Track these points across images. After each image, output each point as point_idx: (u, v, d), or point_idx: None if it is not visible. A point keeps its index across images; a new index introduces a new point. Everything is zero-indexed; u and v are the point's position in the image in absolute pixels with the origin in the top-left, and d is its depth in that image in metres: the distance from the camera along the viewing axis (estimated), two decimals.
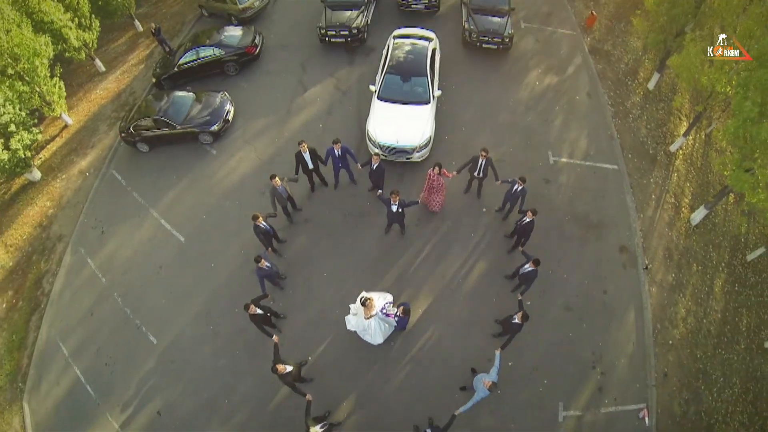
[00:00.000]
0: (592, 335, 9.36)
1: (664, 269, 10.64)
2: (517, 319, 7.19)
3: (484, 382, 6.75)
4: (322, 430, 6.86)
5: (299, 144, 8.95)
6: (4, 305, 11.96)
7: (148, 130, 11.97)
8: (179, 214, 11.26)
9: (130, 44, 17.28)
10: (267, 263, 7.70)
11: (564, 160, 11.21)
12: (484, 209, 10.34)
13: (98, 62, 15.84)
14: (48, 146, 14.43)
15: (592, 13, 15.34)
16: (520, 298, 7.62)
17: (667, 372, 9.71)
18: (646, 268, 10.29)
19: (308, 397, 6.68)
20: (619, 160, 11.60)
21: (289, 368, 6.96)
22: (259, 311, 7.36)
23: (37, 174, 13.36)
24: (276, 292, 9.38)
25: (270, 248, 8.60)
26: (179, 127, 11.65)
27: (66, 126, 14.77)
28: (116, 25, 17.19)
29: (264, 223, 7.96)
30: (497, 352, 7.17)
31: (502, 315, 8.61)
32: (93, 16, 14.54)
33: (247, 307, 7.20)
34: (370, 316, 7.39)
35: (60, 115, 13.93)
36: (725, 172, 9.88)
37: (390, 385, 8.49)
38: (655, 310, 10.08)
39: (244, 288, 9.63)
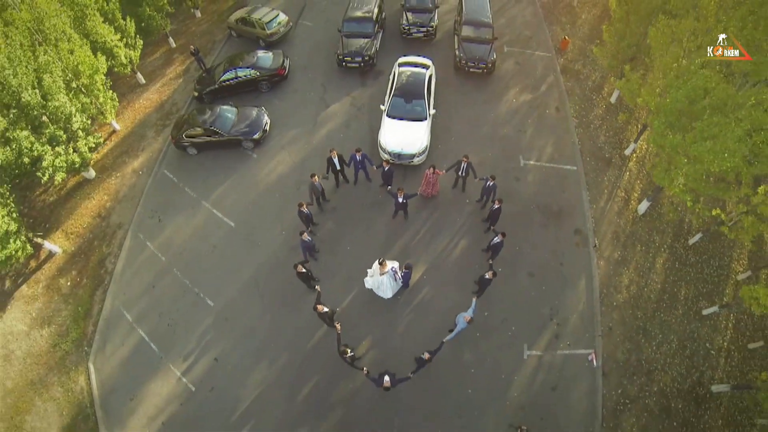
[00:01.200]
0: (551, 296, 12.62)
1: (612, 248, 13.94)
2: (488, 276, 10.49)
3: (464, 317, 10.04)
4: (352, 353, 10.14)
5: (330, 151, 12.27)
6: (69, 283, 15.03)
7: (199, 137, 15.34)
8: (228, 205, 14.55)
9: (166, 59, 20.57)
10: (308, 237, 11.02)
11: (532, 162, 14.56)
12: (467, 200, 13.65)
13: (139, 75, 19.15)
14: (99, 149, 17.74)
15: (565, 37, 18.75)
16: (490, 262, 10.92)
17: (612, 327, 12.93)
18: (595, 246, 13.63)
19: (338, 328, 9.93)
20: (578, 162, 14.93)
21: (326, 309, 10.23)
22: (303, 270, 10.66)
23: (92, 172, 16.55)
24: (312, 262, 12.68)
25: (308, 228, 11.93)
26: (227, 135, 14.95)
27: (114, 131, 17.96)
28: (152, 41, 20.59)
29: (306, 209, 11.29)
30: (474, 299, 10.46)
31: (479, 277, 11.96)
32: (137, 36, 17.91)
33: (295, 267, 10.47)
34: (384, 273, 10.70)
35: (110, 121, 17.27)
36: (654, 172, 13.24)
37: (397, 329, 11.75)
38: (603, 279, 13.36)
39: (285, 261, 12.88)
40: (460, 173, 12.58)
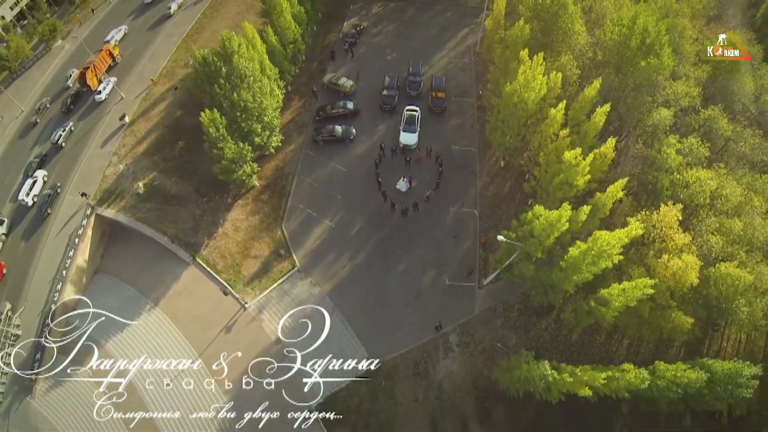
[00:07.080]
0: (459, 192, 40.73)
1: (485, 177, 42.44)
2: (438, 181, 39.44)
3: (427, 193, 39.07)
4: (394, 201, 39.05)
5: (381, 144, 41.22)
6: (266, 197, 43.12)
7: (325, 136, 44.10)
8: (342, 162, 42.65)
9: (287, 96, 49.33)
10: (377, 170, 40.04)
11: (457, 147, 42.90)
12: (432, 160, 42.30)
13: None
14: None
15: (480, 91, 47.67)
16: (438, 179, 39.90)
17: (483, 203, 41.35)
18: (479, 175, 42.65)
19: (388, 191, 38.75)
20: (476, 146, 43.63)
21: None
22: (378, 179, 39.59)
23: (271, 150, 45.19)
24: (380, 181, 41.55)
25: (377, 168, 40.71)
26: (339, 136, 43.33)
27: None
28: None
29: (377, 159, 40.28)
30: (431, 190, 39.33)
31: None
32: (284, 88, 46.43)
33: (377, 181, 39.39)
34: (403, 181, 39.57)
35: None
36: (498, 151, 42.04)
37: (408, 199, 40.27)
38: (481, 188, 41.51)
39: (368, 179, 41.20)
40: (428, 151, 41.40)
